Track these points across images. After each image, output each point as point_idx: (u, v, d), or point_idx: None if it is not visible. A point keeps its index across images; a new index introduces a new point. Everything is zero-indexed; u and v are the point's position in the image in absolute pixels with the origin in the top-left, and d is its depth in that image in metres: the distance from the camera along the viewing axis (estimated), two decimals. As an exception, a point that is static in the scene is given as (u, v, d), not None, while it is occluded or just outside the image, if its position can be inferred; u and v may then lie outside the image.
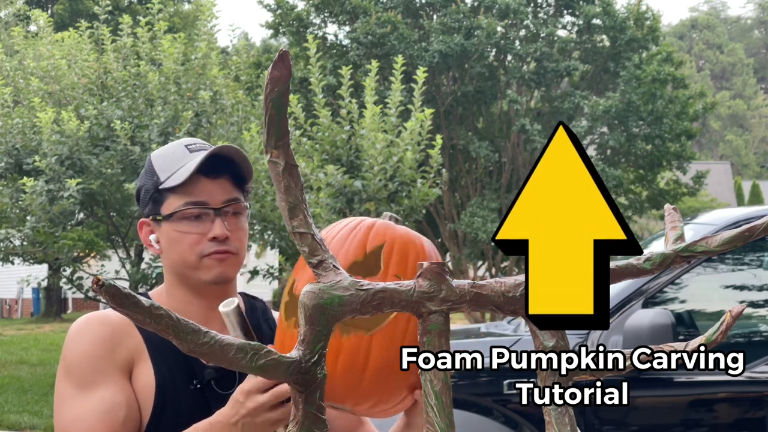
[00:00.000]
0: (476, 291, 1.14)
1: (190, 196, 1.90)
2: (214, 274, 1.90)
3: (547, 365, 1.15)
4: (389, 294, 1.12)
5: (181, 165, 1.91)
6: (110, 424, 1.80)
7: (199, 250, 1.89)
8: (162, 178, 1.92)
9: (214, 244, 1.89)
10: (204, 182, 1.90)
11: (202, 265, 1.90)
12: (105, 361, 1.84)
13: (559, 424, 1.12)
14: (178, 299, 1.94)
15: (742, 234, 1.13)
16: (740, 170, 59.70)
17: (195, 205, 1.89)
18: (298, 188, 1.12)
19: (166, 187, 1.91)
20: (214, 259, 1.89)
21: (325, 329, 1.10)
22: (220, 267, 1.90)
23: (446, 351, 1.12)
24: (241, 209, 1.94)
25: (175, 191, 1.90)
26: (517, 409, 4.50)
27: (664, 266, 1.16)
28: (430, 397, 1.11)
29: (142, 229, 1.97)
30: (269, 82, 1.06)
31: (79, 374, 1.85)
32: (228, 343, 1.04)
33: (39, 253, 11.29)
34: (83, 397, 1.83)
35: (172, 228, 1.91)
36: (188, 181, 1.89)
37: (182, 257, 1.90)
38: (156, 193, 1.93)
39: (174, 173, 1.90)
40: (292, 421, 1.09)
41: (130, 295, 0.98)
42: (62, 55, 11.80)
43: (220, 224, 1.89)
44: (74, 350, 1.87)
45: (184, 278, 1.93)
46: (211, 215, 1.90)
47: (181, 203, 1.90)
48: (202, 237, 1.89)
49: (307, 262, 1.13)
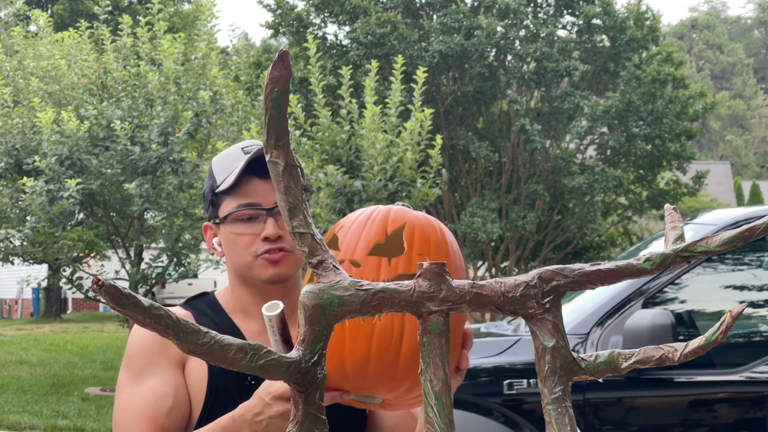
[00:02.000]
0: (476, 291, 1.14)
1: (242, 198, 1.94)
2: (269, 274, 1.93)
3: (547, 365, 1.15)
4: (389, 294, 1.12)
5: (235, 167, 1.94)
6: (155, 414, 1.85)
7: (253, 250, 1.93)
8: (218, 182, 1.96)
9: (267, 244, 1.92)
10: (256, 183, 1.93)
11: (256, 265, 1.93)
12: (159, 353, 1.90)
13: (559, 424, 1.12)
14: (242, 299, 1.99)
15: (742, 234, 1.13)
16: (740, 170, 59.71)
17: (247, 207, 1.93)
18: (298, 188, 1.12)
19: (221, 190, 1.95)
20: (266, 260, 1.92)
21: (325, 329, 1.10)
22: (274, 267, 1.93)
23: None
24: None
25: (229, 193, 1.94)
26: (517, 409, 4.50)
27: (664, 266, 1.16)
28: (430, 397, 1.11)
29: (207, 233, 2.02)
30: (269, 82, 1.06)
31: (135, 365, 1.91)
32: (228, 344, 1.04)
33: (39, 253, 11.30)
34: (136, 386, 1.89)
35: (228, 230, 1.95)
36: (239, 182, 1.93)
37: (239, 258, 1.94)
38: (213, 197, 1.97)
39: (228, 176, 1.94)
40: (292, 421, 1.09)
41: (129, 295, 0.99)
42: (62, 55, 11.80)
43: (272, 224, 1.92)
44: (133, 342, 1.93)
45: (244, 279, 1.97)
46: (263, 216, 1.93)
47: (234, 205, 1.94)
48: (255, 237, 1.93)
49: (307, 262, 1.13)
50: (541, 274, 1.16)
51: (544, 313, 1.15)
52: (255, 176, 1.93)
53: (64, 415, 10.13)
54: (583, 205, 18.64)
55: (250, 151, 1.97)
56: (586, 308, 4.72)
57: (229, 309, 1.99)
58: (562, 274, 1.16)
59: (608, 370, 1.16)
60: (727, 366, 4.60)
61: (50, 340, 18.13)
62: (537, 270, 1.17)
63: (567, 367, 1.14)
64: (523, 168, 19.22)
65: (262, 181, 1.93)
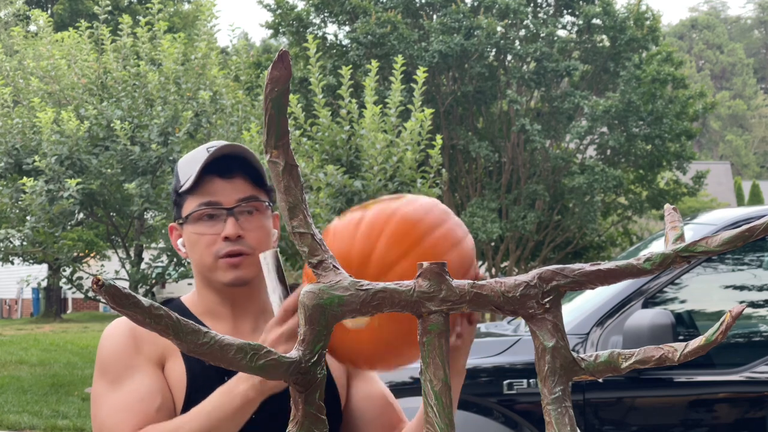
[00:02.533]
0: (476, 291, 1.14)
1: (203, 197, 1.91)
2: (229, 277, 1.90)
3: (547, 365, 1.15)
4: (389, 294, 1.12)
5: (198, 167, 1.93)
6: (145, 412, 1.82)
7: (215, 250, 1.90)
8: (182, 182, 1.94)
9: (228, 245, 1.89)
10: (218, 182, 1.91)
11: (218, 267, 1.91)
12: (135, 355, 1.87)
13: (559, 424, 1.12)
14: (208, 301, 1.96)
15: (742, 234, 1.13)
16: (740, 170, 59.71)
17: (207, 206, 1.91)
18: (298, 188, 1.12)
19: (183, 190, 1.93)
20: (227, 263, 1.90)
21: (325, 329, 1.10)
22: (234, 271, 1.90)
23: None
24: (260, 207, 1.94)
25: (191, 193, 1.92)
26: (517, 409, 4.50)
27: (664, 266, 1.16)
28: (430, 397, 1.11)
29: (172, 234, 2.00)
30: (269, 82, 1.06)
31: (113, 371, 1.87)
32: (228, 344, 1.04)
33: (39, 253, 11.30)
34: (116, 391, 1.85)
35: (190, 230, 1.93)
36: (200, 182, 1.91)
37: (200, 259, 1.92)
38: (177, 197, 1.96)
39: (191, 175, 1.92)
40: (292, 421, 1.09)
41: (129, 295, 0.98)
42: (62, 55, 11.80)
43: (231, 223, 1.89)
44: (105, 349, 1.90)
45: (207, 280, 1.95)
46: (224, 215, 1.90)
47: (195, 205, 1.92)
48: (216, 237, 1.90)
49: (307, 262, 1.13)
50: (541, 274, 1.16)
51: (544, 313, 1.15)
52: (216, 176, 1.91)
53: (64, 415, 10.13)
54: (583, 205, 18.64)
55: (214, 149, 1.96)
56: (586, 308, 4.72)
57: (197, 312, 1.96)
58: (562, 274, 1.16)
59: (608, 370, 1.16)
60: (727, 366, 4.60)
61: (50, 340, 18.13)
62: (537, 270, 1.17)
63: (567, 367, 1.14)
64: (523, 168, 19.22)
65: (224, 181, 1.91)
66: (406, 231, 1.57)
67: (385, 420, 1.97)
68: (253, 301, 1.97)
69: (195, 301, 1.98)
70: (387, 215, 1.59)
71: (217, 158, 1.91)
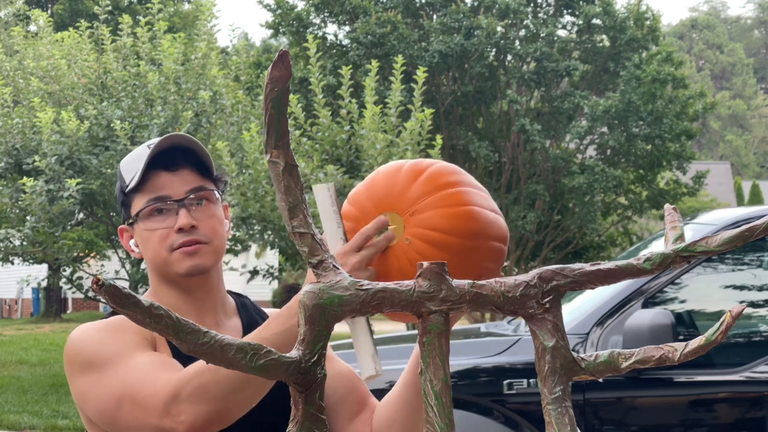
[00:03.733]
0: (476, 291, 1.14)
1: (151, 193, 1.89)
2: (186, 266, 1.88)
3: (547, 365, 1.15)
4: (389, 294, 1.12)
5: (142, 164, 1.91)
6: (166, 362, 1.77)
7: (169, 243, 1.88)
8: (126, 181, 1.92)
9: (182, 236, 1.87)
10: (163, 176, 1.90)
11: (172, 259, 1.88)
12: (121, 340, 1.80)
13: (559, 424, 1.12)
14: (167, 298, 1.93)
15: (742, 234, 1.13)
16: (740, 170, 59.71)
17: (156, 201, 1.89)
18: (298, 188, 1.12)
19: (130, 189, 1.91)
20: (182, 252, 1.88)
21: (325, 329, 1.10)
22: (190, 259, 1.88)
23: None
24: (210, 196, 1.92)
25: (137, 191, 1.90)
26: (517, 409, 4.50)
27: (664, 266, 1.16)
28: (430, 397, 1.11)
29: (123, 236, 1.97)
30: (269, 82, 1.06)
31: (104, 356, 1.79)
32: (227, 343, 1.04)
33: (39, 253, 11.30)
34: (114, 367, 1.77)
35: (142, 228, 1.91)
36: (146, 178, 1.89)
37: (155, 254, 1.90)
38: (124, 197, 1.93)
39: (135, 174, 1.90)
40: (292, 421, 1.09)
41: (129, 295, 0.99)
42: (62, 55, 11.80)
43: (184, 214, 1.88)
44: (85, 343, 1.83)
45: (164, 276, 1.92)
46: (174, 208, 1.89)
47: (143, 201, 1.90)
48: (169, 231, 1.88)
49: (307, 262, 1.13)
50: (541, 273, 1.16)
51: (544, 313, 1.15)
52: (162, 170, 1.89)
53: (64, 415, 10.13)
54: (583, 205, 18.64)
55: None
56: (586, 308, 4.72)
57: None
58: (562, 274, 1.16)
59: (608, 370, 1.16)
60: (727, 366, 4.60)
61: (50, 340, 18.13)
62: (537, 270, 1.17)
63: (567, 367, 1.14)
64: (523, 168, 19.22)
65: (171, 174, 1.90)
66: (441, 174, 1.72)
67: (356, 395, 1.96)
68: (212, 293, 1.95)
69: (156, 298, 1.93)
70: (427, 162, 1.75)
71: (161, 151, 1.89)
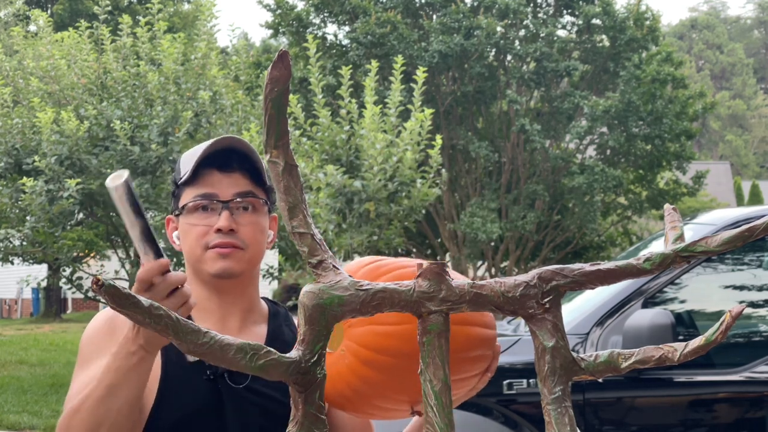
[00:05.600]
0: (476, 291, 1.14)
1: (200, 189, 1.91)
2: (217, 267, 1.89)
3: (547, 365, 1.15)
4: (389, 294, 1.12)
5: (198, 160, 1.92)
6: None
7: (205, 241, 1.89)
8: (181, 174, 1.94)
9: (219, 236, 1.88)
10: (216, 175, 1.91)
11: (206, 257, 1.89)
12: (107, 339, 1.85)
13: (559, 424, 1.12)
14: (197, 293, 1.93)
15: (742, 234, 1.13)
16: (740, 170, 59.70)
17: (202, 197, 1.90)
18: (298, 188, 1.12)
19: (182, 182, 1.92)
20: (216, 252, 1.88)
21: (325, 329, 1.10)
22: (223, 261, 1.88)
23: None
24: (257, 204, 1.93)
25: (188, 185, 1.92)
26: (517, 409, 4.50)
27: (664, 266, 1.16)
28: (430, 398, 1.11)
29: (168, 226, 1.98)
30: (269, 82, 1.06)
31: (84, 354, 1.88)
32: (227, 344, 1.04)
33: (39, 253, 11.29)
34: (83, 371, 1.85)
35: (184, 221, 1.92)
36: (198, 174, 1.90)
37: (190, 249, 1.91)
38: (176, 189, 1.95)
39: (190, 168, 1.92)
40: (292, 421, 1.09)
41: (129, 295, 0.98)
42: (62, 55, 11.79)
43: (226, 216, 1.88)
44: (84, 338, 1.91)
45: (196, 272, 1.93)
46: (219, 207, 1.90)
47: (191, 196, 1.91)
48: (208, 229, 1.89)
49: (307, 262, 1.13)
50: (541, 274, 1.16)
51: (544, 313, 1.15)
52: (215, 168, 1.90)
53: (64, 415, 10.12)
54: (582, 205, 18.64)
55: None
56: (586, 308, 4.72)
57: None
58: (561, 274, 1.16)
59: (608, 370, 1.16)
60: (727, 366, 4.60)
61: (50, 340, 18.12)
62: (537, 270, 1.17)
63: (567, 367, 1.14)
64: (522, 168, 19.22)
65: (222, 174, 1.91)
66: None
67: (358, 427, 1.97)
68: (241, 297, 1.96)
69: None
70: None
71: (217, 150, 1.90)
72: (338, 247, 9.24)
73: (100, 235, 12.65)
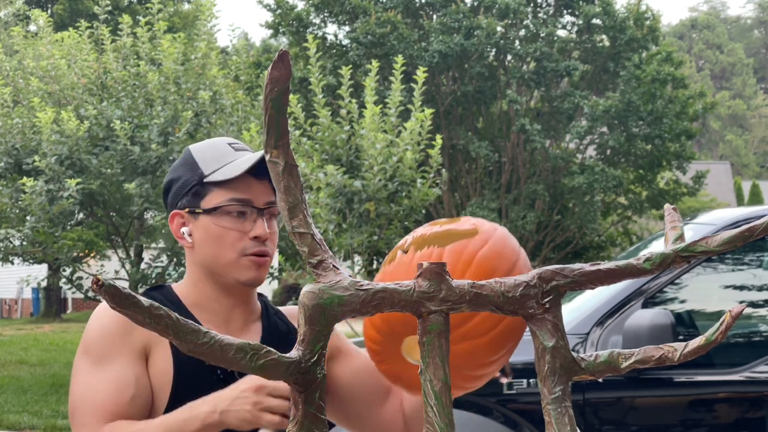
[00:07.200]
0: (476, 291, 1.14)
1: (236, 193, 1.89)
2: (250, 276, 1.90)
3: (547, 365, 1.15)
4: (389, 294, 1.12)
5: (229, 161, 1.91)
6: (117, 401, 1.81)
7: (241, 248, 1.89)
8: (206, 171, 1.91)
9: (256, 244, 1.89)
10: (251, 182, 1.91)
11: (240, 264, 1.89)
12: (120, 340, 1.85)
13: (559, 424, 1.12)
14: (205, 294, 1.94)
15: (742, 234, 1.13)
16: (740, 170, 59.71)
17: (240, 202, 1.89)
18: (298, 188, 1.12)
19: (211, 181, 1.90)
20: (253, 261, 1.89)
21: (325, 329, 1.10)
22: (257, 270, 1.90)
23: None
24: (277, 213, 1.94)
25: (221, 186, 1.90)
26: (517, 409, 4.50)
27: (664, 266, 1.16)
28: (430, 397, 1.11)
29: (174, 220, 1.95)
30: (269, 82, 1.06)
31: (95, 351, 1.85)
32: (228, 343, 1.04)
33: (39, 253, 11.29)
34: (96, 372, 1.84)
35: (213, 222, 1.90)
36: (238, 178, 1.89)
37: (220, 253, 1.90)
38: (199, 186, 1.92)
39: (220, 168, 1.90)
40: (292, 421, 1.09)
41: (129, 295, 0.99)
42: (62, 55, 11.79)
43: (262, 224, 1.89)
44: (93, 329, 1.88)
45: (215, 275, 1.92)
46: (254, 214, 1.90)
47: (225, 198, 1.89)
48: (243, 235, 1.89)
49: (307, 262, 1.13)
50: (541, 274, 1.16)
51: (544, 313, 1.15)
52: (251, 175, 1.90)
53: (64, 415, 10.13)
54: (583, 205, 18.64)
55: (239, 147, 1.95)
56: (586, 308, 4.72)
57: (188, 303, 1.94)
58: (562, 274, 1.16)
59: (608, 370, 1.16)
60: (727, 366, 4.60)
61: (50, 340, 18.13)
62: (537, 270, 1.17)
63: (567, 367, 1.14)
64: (523, 168, 19.22)
65: (258, 181, 1.91)
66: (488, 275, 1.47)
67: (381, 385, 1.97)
68: (246, 299, 1.97)
69: (187, 292, 1.95)
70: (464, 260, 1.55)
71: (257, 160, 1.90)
72: (338, 247, 9.25)
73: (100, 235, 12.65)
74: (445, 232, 1.60)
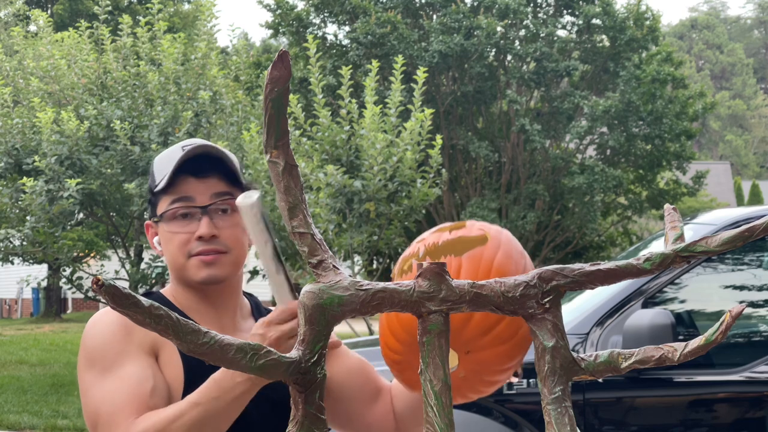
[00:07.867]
0: (476, 291, 1.14)
1: (176, 195, 1.91)
2: (202, 275, 1.90)
3: (547, 365, 1.15)
4: (389, 294, 1.12)
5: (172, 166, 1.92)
6: (139, 397, 1.79)
7: (187, 249, 1.90)
8: (157, 181, 1.94)
9: (200, 244, 1.89)
10: (191, 182, 1.91)
11: (190, 266, 1.90)
12: (125, 342, 1.84)
13: (559, 424, 1.12)
14: (185, 297, 1.96)
15: (742, 234, 1.13)
16: (740, 170, 59.71)
17: (180, 202, 1.90)
18: (298, 188, 1.12)
19: (158, 189, 1.92)
20: (200, 261, 1.89)
21: (325, 329, 1.10)
22: (207, 268, 1.89)
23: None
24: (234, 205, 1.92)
25: (165, 192, 1.92)
26: (517, 409, 4.50)
27: (663, 266, 1.16)
28: (430, 397, 1.11)
29: (149, 231, 1.98)
30: (269, 82, 1.06)
31: (102, 360, 1.84)
32: (227, 343, 1.04)
33: (39, 253, 11.28)
34: (108, 378, 1.82)
35: (164, 228, 1.92)
36: (174, 181, 1.90)
37: (173, 257, 1.92)
38: (152, 196, 1.95)
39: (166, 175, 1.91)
40: (292, 421, 1.09)
41: (129, 295, 0.99)
42: (62, 55, 11.79)
43: (206, 223, 1.89)
44: (94, 338, 1.86)
45: (181, 279, 1.94)
46: (198, 214, 1.90)
47: (168, 203, 1.91)
48: (190, 236, 1.90)
49: (307, 262, 1.13)
50: (541, 274, 1.16)
51: (544, 313, 1.15)
52: (190, 175, 1.91)
53: (64, 415, 10.13)
54: (582, 205, 18.64)
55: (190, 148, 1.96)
56: (586, 308, 4.72)
57: (183, 307, 1.95)
58: (562, 274, 1.16)
59: (608, 370, 1.16)
60: (727, 366, 4.60)
61: (50, 340, 18.13)
62: (537, 270, 1.17)
63: (567, 367, 1.14)
64: (522, 168, 19.22)
65: (198, 180, 1.91)
66: None
67: (371, 386, 1.99)
68: (230, 298, 1.97)
69: (173, 296, 1.97)
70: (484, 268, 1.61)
71: (190, 158, 1.90)
72: (338, 247, 9.25)
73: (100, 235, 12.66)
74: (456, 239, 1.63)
